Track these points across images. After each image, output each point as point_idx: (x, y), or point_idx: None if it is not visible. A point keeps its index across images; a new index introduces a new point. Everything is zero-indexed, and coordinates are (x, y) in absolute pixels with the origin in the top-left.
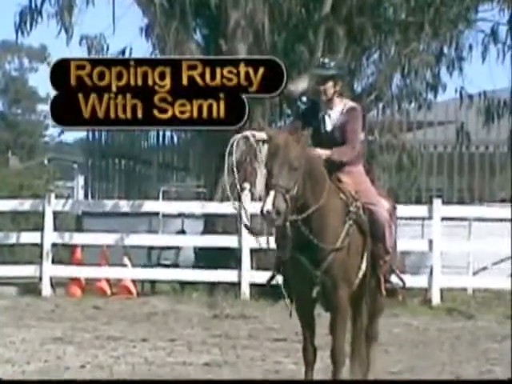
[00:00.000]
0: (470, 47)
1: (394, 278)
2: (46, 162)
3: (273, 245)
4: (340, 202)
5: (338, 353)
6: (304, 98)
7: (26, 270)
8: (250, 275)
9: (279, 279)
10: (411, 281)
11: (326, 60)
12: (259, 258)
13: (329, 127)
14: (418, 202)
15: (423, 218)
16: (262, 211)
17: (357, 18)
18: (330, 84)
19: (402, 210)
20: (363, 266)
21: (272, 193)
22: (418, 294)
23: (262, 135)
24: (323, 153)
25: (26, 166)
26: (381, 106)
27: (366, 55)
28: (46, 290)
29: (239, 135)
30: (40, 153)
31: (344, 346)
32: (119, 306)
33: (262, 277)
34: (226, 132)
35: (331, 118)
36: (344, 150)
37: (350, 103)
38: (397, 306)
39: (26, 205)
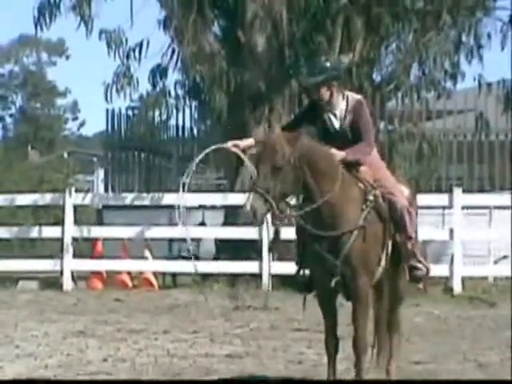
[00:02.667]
0: (489, 35)
1: (417, 265)
2: (65, 155)
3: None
4: (357, 192)
5: (359, 342)
6: None
7: (47, 264)
8: (271, 266)
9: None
10: (432, 270)
11: (315, 65)
12: (279, 249)
13: (337, 126)
14: (439, 190)
15: (444, 207)
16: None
17: (375, 8)
18: (324, 89)
19: (423, 198)
20: (385, 254)
21: (251, 195)
22: (439, 282)
23: (248, 142)
24: (338, 154)
25: (45, 159)
26: (400, 95)
27: (384, 44)
28: (68, 283)
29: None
30: (60, 146)
31: (366, 334)
32: (141, 298)
33: (283, 268)
34: (247, 124)
35: (337, 117)
36: (358, 148)
37: (352, 96)
38: (418, 295)
39: (46, 199)
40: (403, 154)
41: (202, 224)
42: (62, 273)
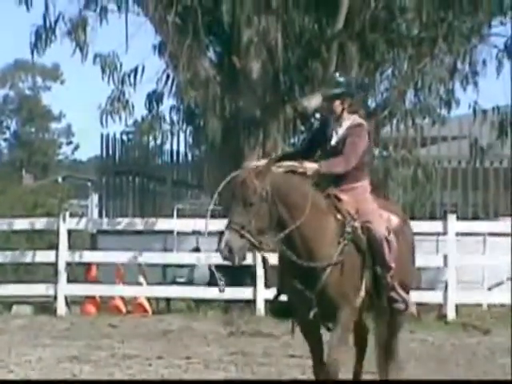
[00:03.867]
0: (484, 62)
1: (397, 298)
2: (59, 180)
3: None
4: (333, 222)
5: (330, 364)
6: (318, 114)
7: (41, 289)
8: (265, 292)
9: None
10: (426, 296)
11: (334, 78)
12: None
13: (333, 142)
14: (433, 217)
15: (438, 234)
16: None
17: (370, 34)
18: (338, 102)
19: (417, 225)
20: (363, 285)
21: (226, 232)
22: (433, 309)
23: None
24: (311, 167)
25: (39, 184)
26: (395, 121)
27: (379, 71)
28: (61, 308)
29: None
30: (54, 171)
31: (339, 360)
32: (134, 323)
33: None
34: (241, 149)
35: (338, 134)
36: (334, 162)
37: (358, 120)
38: (412, 321)
39: (40, 223)
40: (398, 180)
41: (197, 249)
42: (55, 298)
